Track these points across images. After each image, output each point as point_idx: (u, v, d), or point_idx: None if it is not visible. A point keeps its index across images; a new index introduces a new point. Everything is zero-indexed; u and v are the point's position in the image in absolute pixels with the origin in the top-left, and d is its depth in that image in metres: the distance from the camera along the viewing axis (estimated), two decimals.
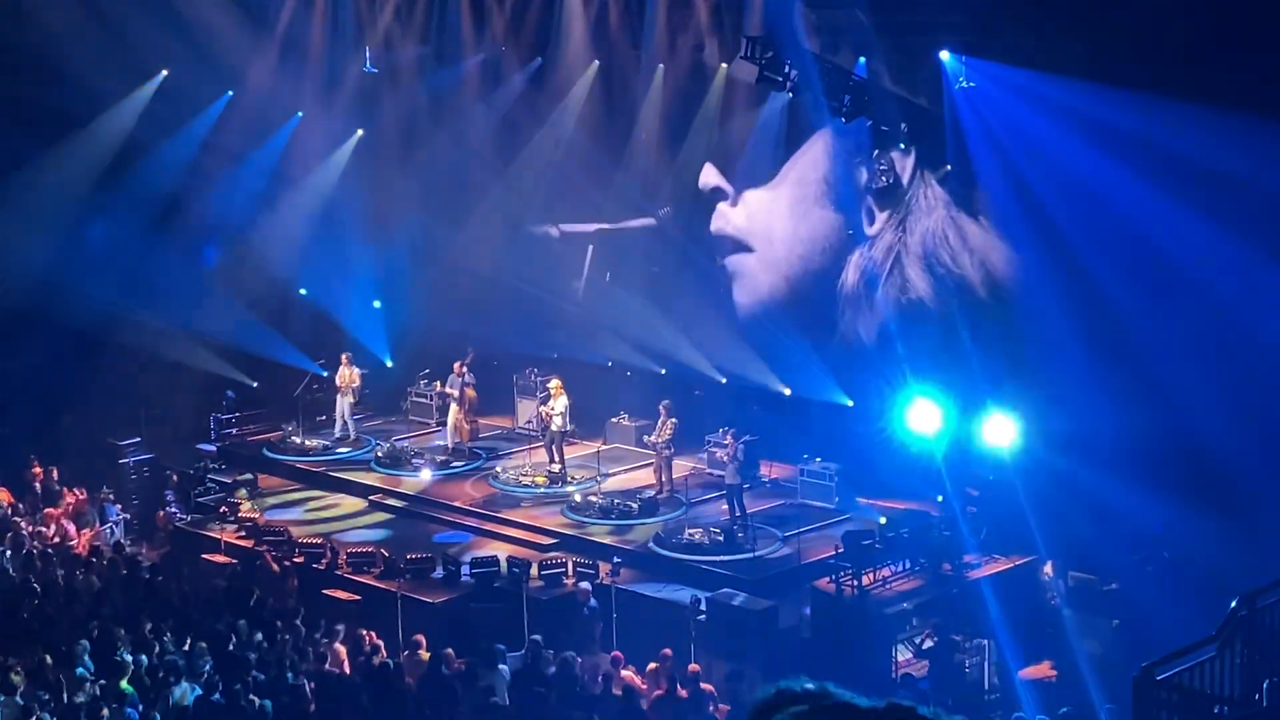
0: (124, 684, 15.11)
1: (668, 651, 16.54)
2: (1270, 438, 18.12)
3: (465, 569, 19.75)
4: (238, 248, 26.84)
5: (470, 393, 25.12)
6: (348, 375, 25.61)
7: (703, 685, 15.81)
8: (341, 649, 17.06)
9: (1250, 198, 18.10)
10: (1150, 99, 18.55)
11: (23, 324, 24.62)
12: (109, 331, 25.41)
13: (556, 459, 23.48)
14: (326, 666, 16.50)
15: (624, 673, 16.38)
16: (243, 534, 21.54)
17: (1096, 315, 19.91)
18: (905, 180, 23.01)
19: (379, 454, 24.78)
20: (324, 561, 20.32)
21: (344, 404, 25.73)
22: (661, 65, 25.11)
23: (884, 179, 22.97)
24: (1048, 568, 18.63)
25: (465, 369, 24.99)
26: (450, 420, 25.06)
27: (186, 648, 16.47)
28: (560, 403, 23.28)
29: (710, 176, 25.07)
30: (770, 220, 24.66)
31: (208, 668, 15.76)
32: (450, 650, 16.47)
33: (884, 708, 2.21)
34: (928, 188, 22.73)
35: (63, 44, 24.05)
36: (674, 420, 22.37)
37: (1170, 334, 18.72)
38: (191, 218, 26.67)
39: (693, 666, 16.38)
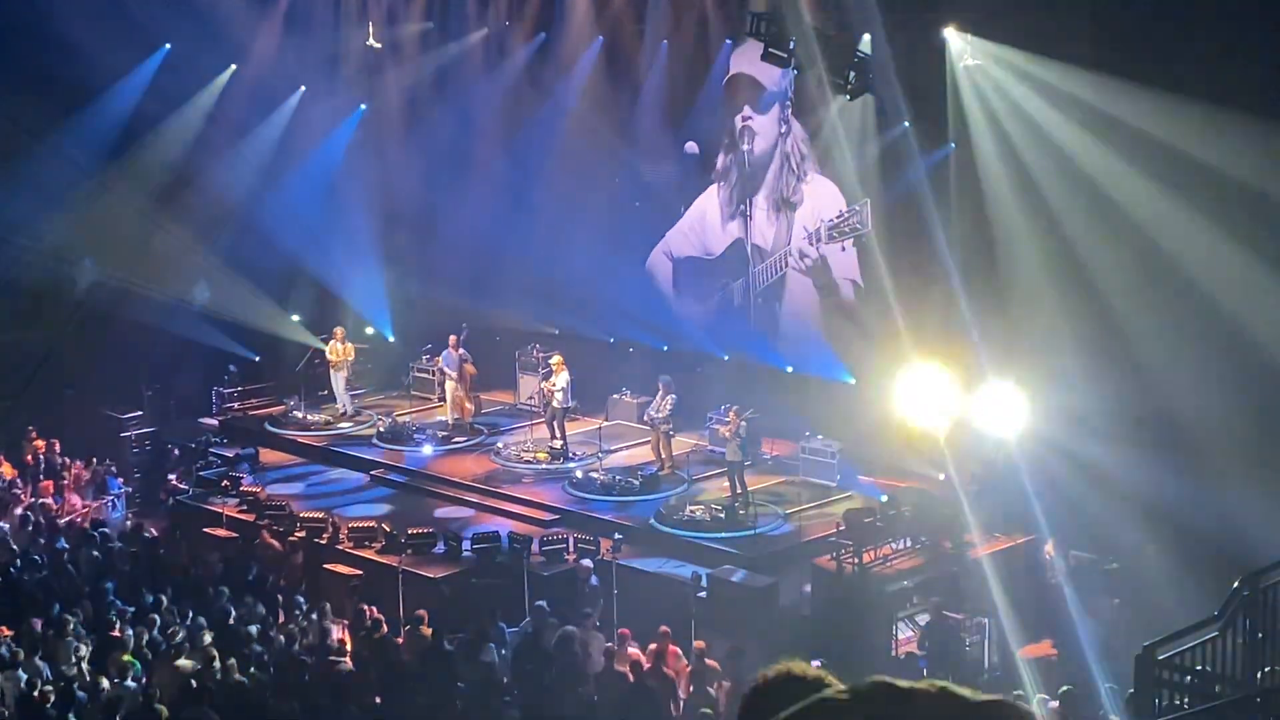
0: (126, 657, 15.11)
1: (666, 629, 16.53)
2: (1273, 417, 18.11)
3: (466, 544, 19.76)
4: (242, 222, 26.76)
5: (469, 368, 25.11)
6: (341, 350, 25.60)
7: (708, 661, 15.80)
8: (341, 623, 17.08)
9: (1244, 198, 18.14)
10: (1152, 93, 18.60)
11: (27, 297, 24.62)
12: (112, 305, 25.39)
13: (558, 435, 23.47)
14: (327, 641, 16.52)
15: (628, 649, 16.38)
16: (244, 508, 21.56)
17: (1092, 297, 19.92)
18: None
19: (380, 429, 24.78)
20: (325, 536, 20.34)
21: (338, 379, 25.72)
22: (665, 41, 25.03)
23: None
24: (1049, 546, 18.61)
25: (460, 345, 24.97)
26: (449, 396, 25.05)
27: (187, 621, 16.49)
28: (562, 378, 23.27)
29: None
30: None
31: (208, 641, 15.78)
32: (451, 625, 16.48)
33: (925, 686, 2.16)
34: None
35: (67, 16, 23.95)
36: (673, 396, 22.35)
37: (1166, 320, 18.74)
38: (197, 192, 26.61)
39: (698, 643, 16.37)
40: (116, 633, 15.80)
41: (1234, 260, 18.35)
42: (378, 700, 14.99)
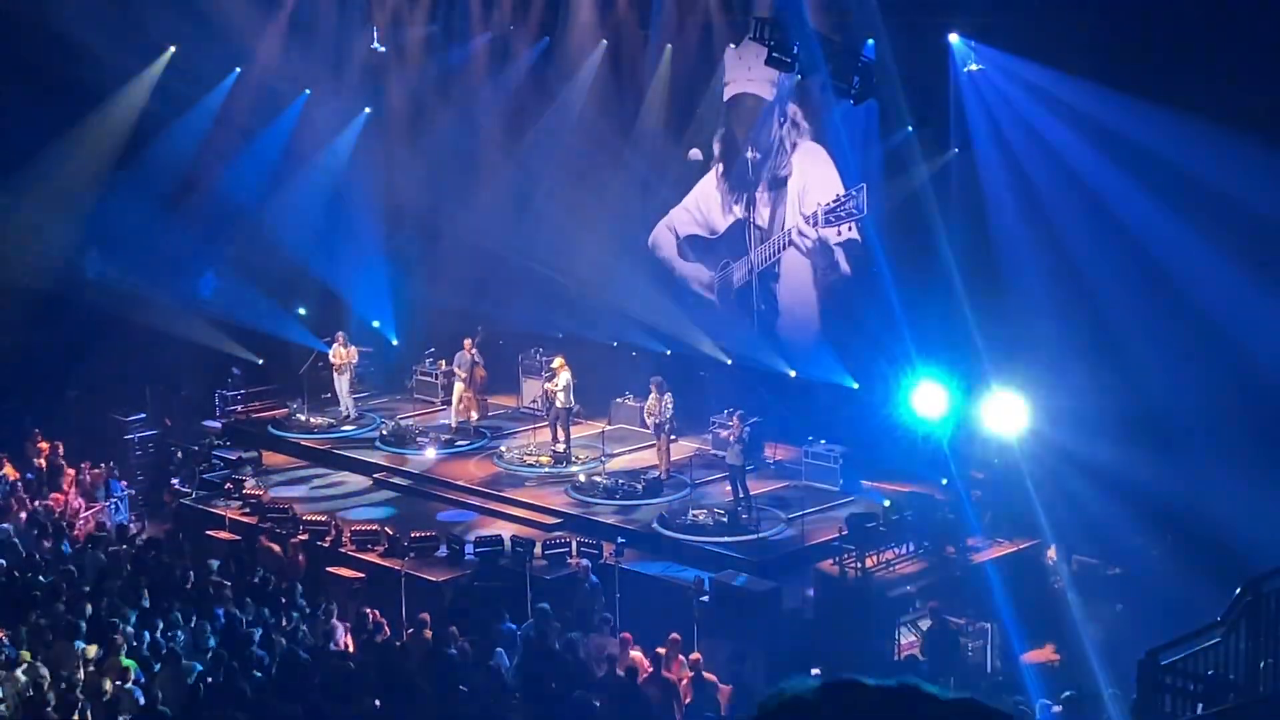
0: (124, 660, 15.10)
1: (676, 636, 16.50)
2: (1272, 422, 18.14)
3: (469, 548, 19.77)
4: (248, 225, 26.79)
5: (480, 371, 25.14)
6: (344, 354, 25.63)
7: (705, 675, 15.77)
8: (344, 626, 17.07)
9: (1236, 212, 18.25)
10: (1149, 107, 18.70)
11: (36, 301, 24.66)
12: (117, 308, 25.42)
13: (561, 438, 23.47)
14: (330, 644, 16.51)
15: (632, 653, 16.37)
16: (247, 511, 21.57)
17: (1092, 303, 19.99)
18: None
19: (383, 432, 24.79)
20: (328, 539, 20.34)
21: (342, 383, 25.75)
22: (669, 45, 25.04)
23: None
24: (1051, 551, 18.62)
25: (474, 348, 24.99)
26: (455, 398, 25.06)
27: (190, 624, 16.48)
28: (563, 378, 23.26)
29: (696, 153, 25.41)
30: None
31: (212, 643, 15.78)
32: (453, 629, 16.48)
33: (895, 685, 2.23)
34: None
35: (74, 19, 23.99)
36: (669, 394, 22.35)
37: (1165, 326, 18.80)
38: (203, 195, 26.67)
39: (694, 656, 16.35)
40: (119, 635, 15.78)
41: (1224, 268, 18.45)
42: (378, 704, 14.98)
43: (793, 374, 23.83)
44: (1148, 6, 18.93)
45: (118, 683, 14.56)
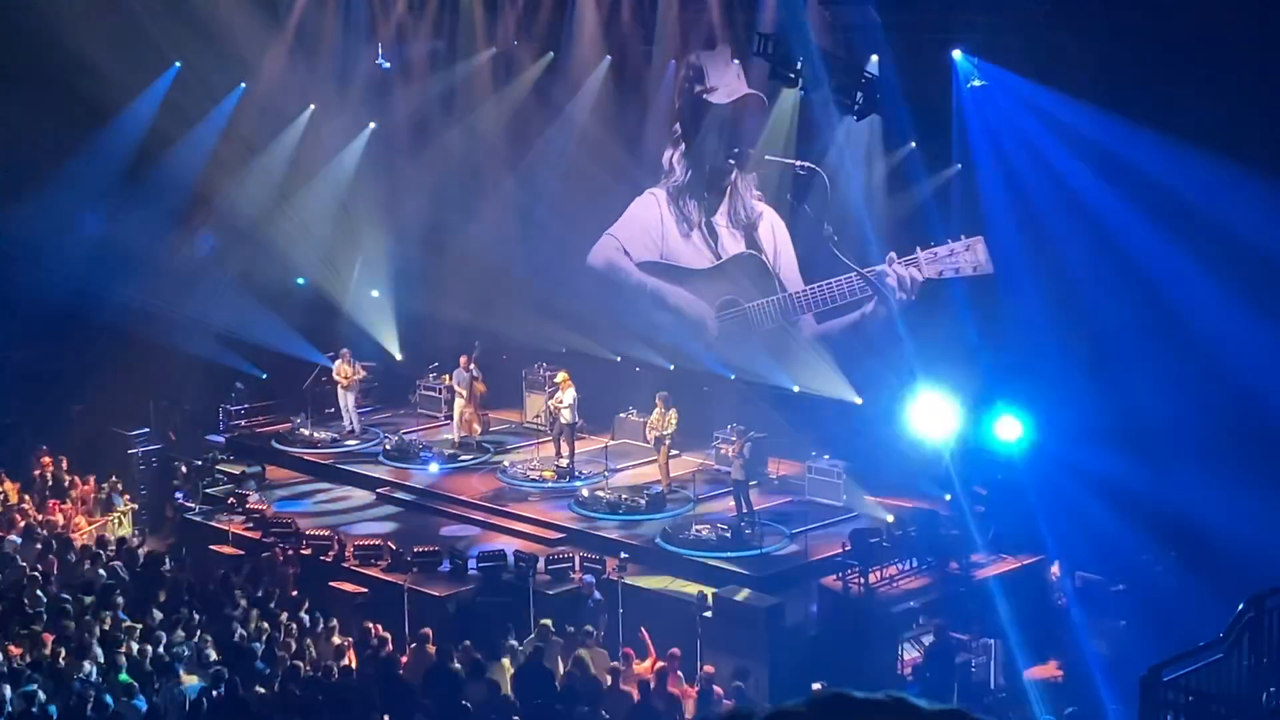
0: (123, 675, 15.11)
1: (676, 651, 16.52)
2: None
3: (472, 563, 19.78)
4: (252, 240, 26.84)
5: (479, 386, 25.16)
6: (348, 371, 25.63)
7: (715, 688, 15.79)
8: (346, 641, 17.07)
9: (1230, 235, 18.35)
10: (1148, 131, 18.81)
11: (37, 317, 24.70)
12: (120, 322, 25.46)
13: (565, 452, 23.47)
14: (332, 659, 16.52)
15: (635, 668, 16.38)
16: (250, 525, 21.58)
17: (1090, 320, 20.05)
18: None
19: (387, 447, 24.81)
20: (331, 554, 20.35)
21: (347, 399, 25.76)
22: (674, 60, 25.09)
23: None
24: (1055, 567, 18.62)
25: (472, 364, 25.02)
26: (456, 414, 25.08)
27: (193, 638, 16.49)
28: (568, 395, 23.28)
29: None
30: None
31: (213, 658, 15.79)
32: (456, 644, 16.49)
33: (883, 698, 2.26)
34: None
35: (80, 36, 24.06)
36: (674, 410, 22.35)
37: (1162, 343, 18.87)
38: (209, 209, 26.73)
39: (707, 668, 16.37)
40: (121, 650, 15.80)
41: (1219, 289, 18.55)
42: (385, 719, 14.99)
43: (795, 389, 23.82)
44: (1149, 31, 18.98)
45: (121, 698, 14.57)
